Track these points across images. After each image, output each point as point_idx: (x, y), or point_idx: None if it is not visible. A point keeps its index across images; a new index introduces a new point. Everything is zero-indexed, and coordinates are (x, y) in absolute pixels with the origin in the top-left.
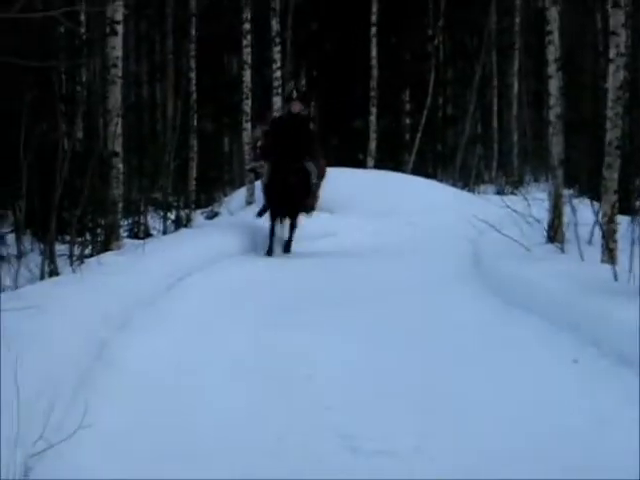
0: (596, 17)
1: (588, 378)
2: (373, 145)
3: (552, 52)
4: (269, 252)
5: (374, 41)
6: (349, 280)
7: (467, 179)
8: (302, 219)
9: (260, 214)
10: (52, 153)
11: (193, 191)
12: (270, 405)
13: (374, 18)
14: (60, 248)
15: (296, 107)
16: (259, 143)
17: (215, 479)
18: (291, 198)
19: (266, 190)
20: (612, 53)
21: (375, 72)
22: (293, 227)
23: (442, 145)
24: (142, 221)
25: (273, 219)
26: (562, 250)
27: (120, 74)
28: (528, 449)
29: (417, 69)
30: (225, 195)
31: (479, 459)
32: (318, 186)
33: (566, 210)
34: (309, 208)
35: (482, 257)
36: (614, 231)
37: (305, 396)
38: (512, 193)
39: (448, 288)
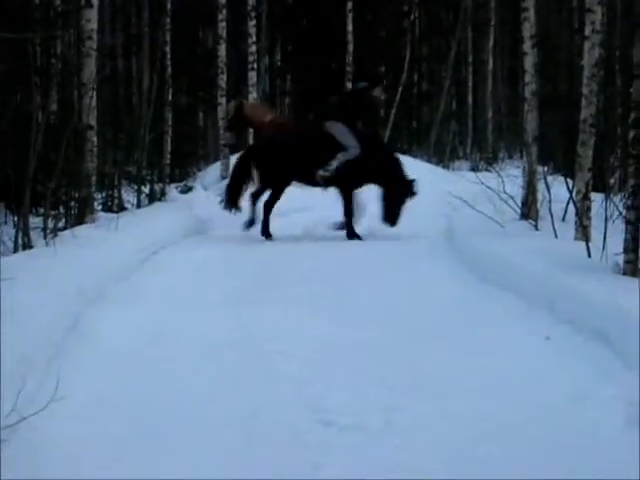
0: None
1: (562, 354)
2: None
3: (527, 29)
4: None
5: (350, 16)
6: (322, 255)
7: (442, 155)
8: None
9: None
10: (26, 125)
11: (167, 165)
12: (243, 380)
13: None
14: (34, 221)
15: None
16: (229, 116)
17: (186, 454)
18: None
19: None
20: (587, 30)
21: (350, 47)
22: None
23: (417, 121)
24: (116, 195)
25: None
26: (536, 227)
27: (95, 47)
28: (500, 425)
29: (392, 45)
30: (199, 170)
31: (449, 434)
32: None
33: (540, 187)
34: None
35: (456, 233)
36: (588, 208)
37: (278, 371)
38: (486, 169)
39: (422, 264)
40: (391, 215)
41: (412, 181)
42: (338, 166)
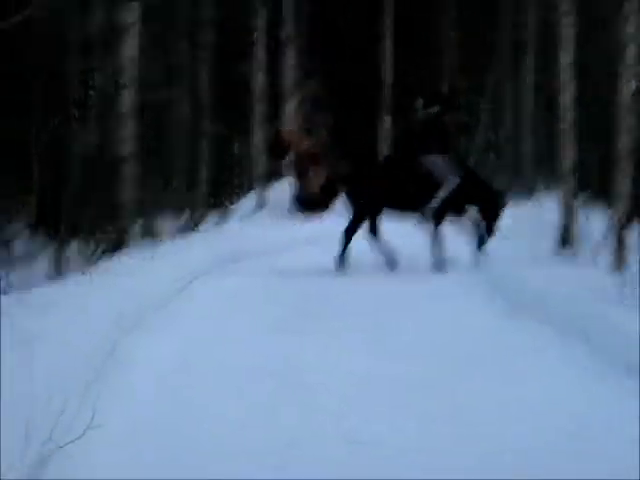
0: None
1: (596, 386)
2: (385, 152)
3: (566, 57)
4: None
5: (388, 51)
6: (358, 288)
7: None
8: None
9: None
10: (65, 155)
11: (204, 194)
12: (280, 410)
13: (388, 22)
14: (72, 249)
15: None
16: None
17: None
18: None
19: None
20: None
21: (389, 79)
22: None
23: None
24: (153, 223)
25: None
26: (574, 257)
27: (134, 76)
28: (534, 455)
29: (431, 77)
30: (235, 199)
31: (485, 462)
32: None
33: (578, 217)
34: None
35: (493, 263)
36: (626, 238)
37: (315, 403)
38: (525, 199)
39: (458, 295)
40: (491, 230)
41: (502, 192)
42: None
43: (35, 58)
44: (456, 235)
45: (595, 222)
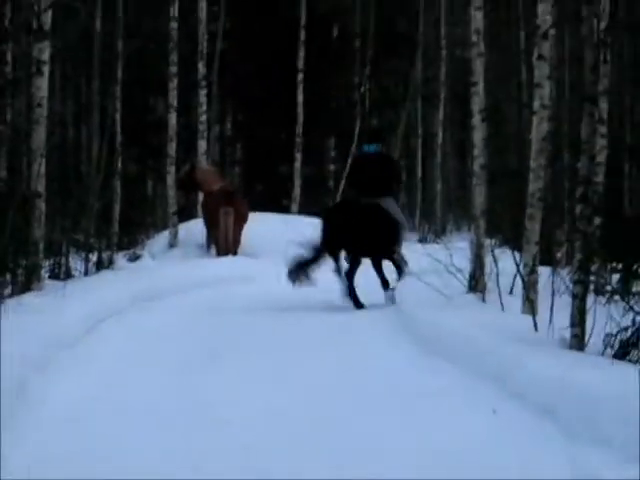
0: (521, 68)
1: (508, 429)
2: (297, 191)
3: (477, 103)
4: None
5: (300, 87)
6: (270, 326)
7: None
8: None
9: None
10: None
11: (116, 233)
12: (186, 446)
13: (301, 64)
14: None
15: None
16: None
17: None
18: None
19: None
20: (536, 105)
21: (301, 118)
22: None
23: None
24: (64, 262)
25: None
26: (483, 300)
27: (45, 114)
28: None
29: (343, 116)
30: (148, 238)
31: None
32: (239, 229)
33: (488, 260)
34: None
35: (403, 305)
36: (535, 282)
37: (223, 438)
38: (434, 242)
39: (367, 336)
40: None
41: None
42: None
43: None
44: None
45: (505, 264)
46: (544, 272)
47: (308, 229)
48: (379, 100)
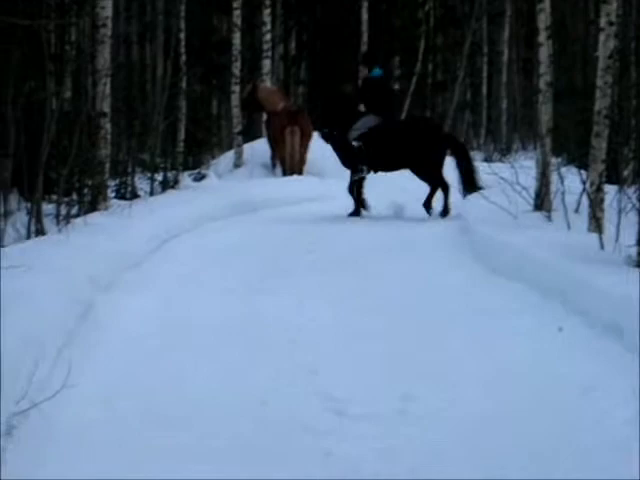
0: None
1: (574, 346)
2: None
3: (543, 20)
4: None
5: (365, 5)
6: (334, 244)
7: None
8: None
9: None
10: (40, 112)
11: (181, 153)
12: (255, 369)
13: None
14: (47, 208)
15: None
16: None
17: (200, 445)
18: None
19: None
20: (603, 22)
21: (365, 37)
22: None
23: (431, 111)
24: (129, 182)
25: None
26: (549, 218)
27: (109, 34)
28: (511, 417)
29: (407, 35)
30: (213, 158)
31: (460, 424)
32: (305, 148)
33: (554, 178)
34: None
35: (470, 224)
36: (601, 200)
37: (290, 360)
38: (500, 160)
39: (434, 253)
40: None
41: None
42: None
43: (11, 14)
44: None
45: (571, 183)
46: (610, 190)
47: None
48: (444, 18)
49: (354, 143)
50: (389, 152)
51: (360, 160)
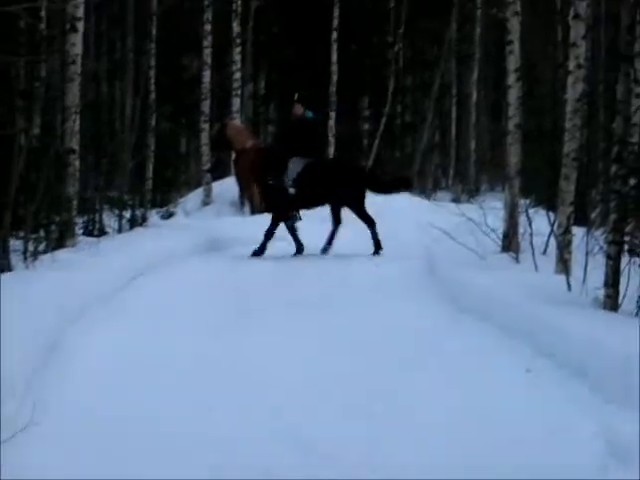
0: (557, 28)
1: (541, 388)
2: (331, 150)
3: (512, 62)
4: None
5: (335, 46)
6: (302, 284)
7: (424, 186)
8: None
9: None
10: (8, 147)
11: (149, 190)
12: (218, 408)
13: (335, 23)
14: (14, 244)
15: (298, 110)
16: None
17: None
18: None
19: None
20: (572, 65)
21: (335, 77)
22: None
23: (400, 151)
24: (97, 219)
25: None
26: (517, 260)
27: (79, 71)
28: (480, 459)
29: (377, 75)
30: (181, 196)
31: (425, 465)
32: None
33: (522, 220)
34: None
35: (437, 264)
36: (569, 242)
37: (258, 398)
38: (468, 201)
39: (401, 294)
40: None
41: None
42: None
43: None
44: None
45: (539, 225)
46: (578, 232)
47: None
48: (413, 60)
49: (290, 190)
50: (317, 193)
51: (295, 205)
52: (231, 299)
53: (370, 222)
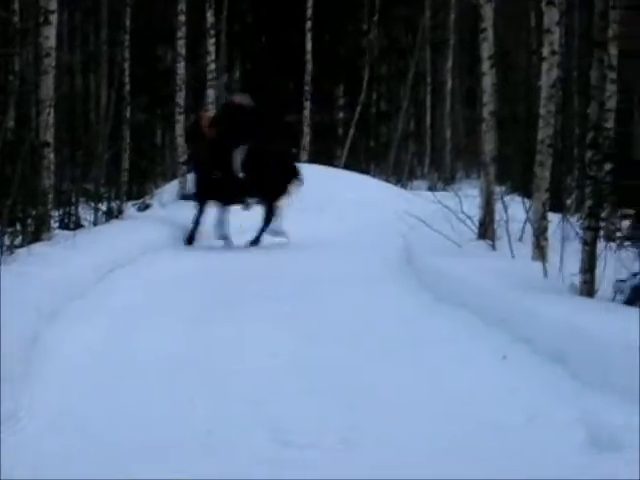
0: (530, 15)
1: (518, 374)
2: (307, 139)
3: (486, 49)
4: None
5: (309, 35)
6: (278, 274)
7: (400, 175)
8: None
9: (185, 197)
10: None
11: (125, 183)
12: (200, 399)
13: (309, 12)
14: None
15: (237, 98)
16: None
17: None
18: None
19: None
20: (546, 51)
21: (309, 66)
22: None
23: (375, 141)
24: (73, 212)
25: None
26: (493, 247)
27: (53, 64)
28: (454, 445)
29: (351, 64)
30: (157, 187)
31: (403, 455)
32: None
33: (497, 207)
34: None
35: (413, 252)
36: (545, 229)
37: (235, 390)
38: (444, 189)
39: (379, 283)
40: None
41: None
42: None
43: None
44: None
45: (515, 211)
46: (554, 219)
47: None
48: (388, 48)
49: (240, 175)
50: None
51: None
52: (209, 291)
53: (268, 219)
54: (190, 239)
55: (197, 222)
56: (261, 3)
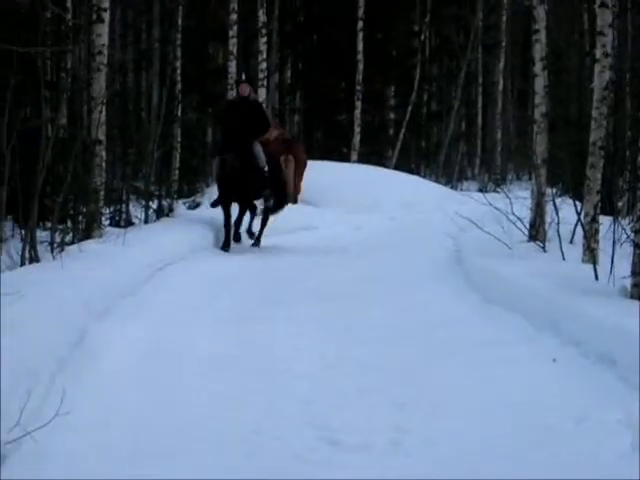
0: (583, 17)
1: (568, 377)
2: (357, 139)
3: (538, 51)
4: (225, 246)
5: (360, 35)
6: (329, 275)
7: (450, 175)
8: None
9: (214, 205)
10: (35, 138)
11: (175, 181)
12: (248, 398)
13: (361, 12)
14: (41, 235)
15: (244, 90)
16: None
17: (192, 476)
18: (238, 182)
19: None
20: (598, 53)
21: (361, 66)
22: (254, 216)
23: (426, 141)
24: (124, 210)
25: (225, 208)
26: (543, 249)
27: (105, 61)
28: (506, 448)
29: (403, 65)
30: (207, 186)
31: (455, 454)
32: (300, 177)
33: (548, 209)
34: (266, 194)
35: (463, 254)
36: (596, 231)
37: (284, 390)
38: (495, 191)
39: (429, 285)
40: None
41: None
42: None
43: (7, 41)
44: None
45: (566, 214)
46: (605, 221)
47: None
48: (439, 48)
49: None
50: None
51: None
52: (256, 290)
53: (252, 209)
54: (225, 245)
55: (227, 226)
56: (313, 2)
